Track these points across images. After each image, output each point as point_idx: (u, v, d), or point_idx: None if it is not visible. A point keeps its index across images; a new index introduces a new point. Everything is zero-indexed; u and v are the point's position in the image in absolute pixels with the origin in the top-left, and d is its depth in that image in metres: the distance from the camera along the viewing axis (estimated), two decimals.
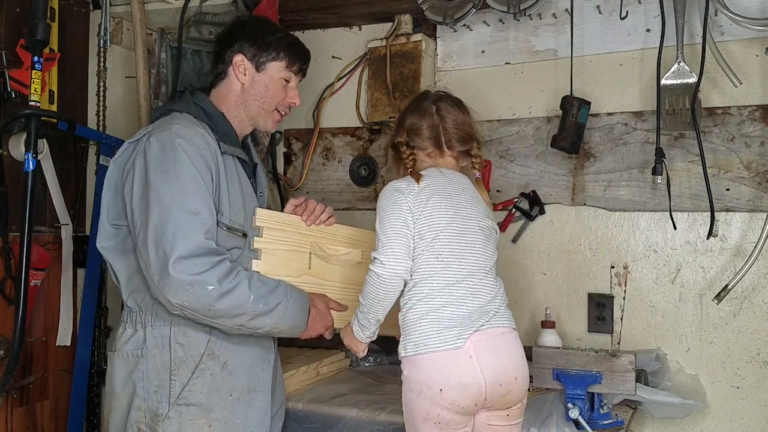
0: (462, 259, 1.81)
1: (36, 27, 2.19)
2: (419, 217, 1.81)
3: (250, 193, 1.98)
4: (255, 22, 2.10)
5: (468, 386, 1.71)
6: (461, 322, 1.75)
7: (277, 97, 2.05)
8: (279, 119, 2.10)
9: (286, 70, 2.04)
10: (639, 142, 2.43)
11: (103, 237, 1.91)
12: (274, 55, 2.02)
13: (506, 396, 1.77)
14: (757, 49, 2.28)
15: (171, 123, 1.86)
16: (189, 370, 1.83)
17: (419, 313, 1.77)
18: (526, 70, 2.58)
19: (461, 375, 1.72)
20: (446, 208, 1.84)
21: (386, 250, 1.77)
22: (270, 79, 2.02)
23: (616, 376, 1.98)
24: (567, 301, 2.52)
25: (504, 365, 1.76)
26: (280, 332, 1.87)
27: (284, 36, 2.06)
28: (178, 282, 1.70)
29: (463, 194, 1.89)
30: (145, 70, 2.57)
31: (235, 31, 2.04)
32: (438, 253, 1.79)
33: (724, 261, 2.33)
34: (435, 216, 1.82)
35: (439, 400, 1.71)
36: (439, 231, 1.80)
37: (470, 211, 1.87)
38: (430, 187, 1.85)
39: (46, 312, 2.68)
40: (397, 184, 1.87)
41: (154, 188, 1.76)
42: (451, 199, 1.86)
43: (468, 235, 1.84)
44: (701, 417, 2.32)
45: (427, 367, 1.73)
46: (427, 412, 1.73)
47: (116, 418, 1.87)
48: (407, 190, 1.84)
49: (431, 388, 1.72)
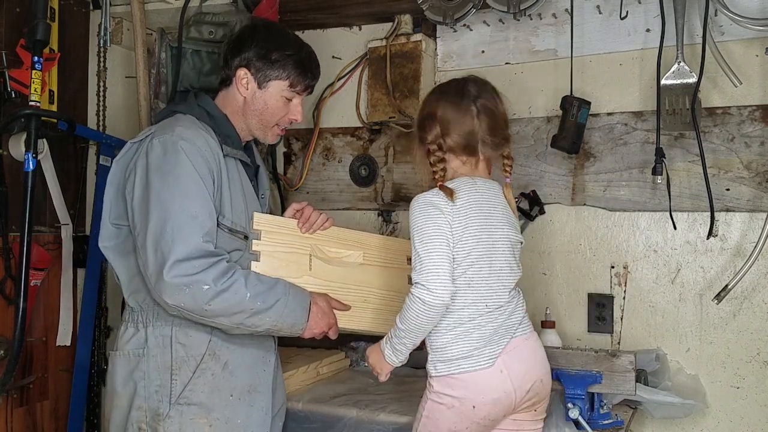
0: (492, 285, 1.78)
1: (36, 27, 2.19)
2: (458, 241, 1.74)
3: (251, 196, 1.98)
4: (265, 32, 2.00)
5: (500, 400, 1.73)
6: (490, 340, 1.75)
7: (276, 115, 2.00)
8: (279, 133, 2.06)
9: (289, 89, 1.98)
10: (639, 142, 2.43)
11: (105, 237, 1.92)
12: (278, 73, 1.96)
13: (534, 398, 1.80)
14: (757, 49, 2.28)
15: (174, 125, 1.86)
16: (190, 370, 1.83)
17: (449, 337, 1.76)
18: (526, 70, 2.58)
19: (494, 391, 1.73)
20: (481, 231, 1.77)
21: (431, 276, 1.70)
22: (270, 96, 1.98)
23: (616, 376, 1.98)
24: (567, 301, 2.51)
25: (529, 370, 1.78)
26: (280, 330, 1.85)
27: (293, 54, 1.97)
28: (174, 284, 1.70)
29: (495, 211, 1.81)
30: (145, 70, 2.57)
31: (244, 40, 1.98)
32: (470, 280, 1.75)
33: (724, 261, 2.33)
34: (471, 242, 1.75)
35: (471, 416, 1.73)
36: (475, 260, 1.75)
37: (502, 232, 1.81)
38: (466, 206, 1.76)
39: (46, 312, 2.68)
40: (433, 200, 1.76)
41: (155, 190, 1.77)
42: (486, 221, 1.78)
43: (500, 260, 1.80)
44: (701, 417, 2.32)
45: (460, 386, 1.74)
46: (456, 425, 1.74)
47: (117, 417, 1.87)
48: (445, 207, 1.74)
49: (463, 404, 1.73)
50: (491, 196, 1.83)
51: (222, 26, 2.46)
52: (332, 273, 2.05)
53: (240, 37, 2.02)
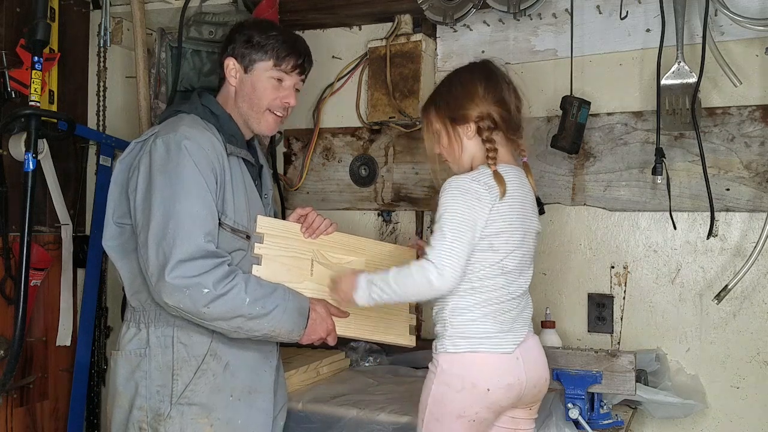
0: (521, 275, 1.80)
1: (36, 27, 2.20)
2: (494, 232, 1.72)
3: (255, 195, 1.98)
4: (252, 24, 2.04)
5: (513, 386, 1.74)
6: (513, 327, 1.77)
7: (266, 97, 1.97)
8: (275, 121, 2.01)
9: (275, 68, 1.95)
10: (639, 142, 2.43)
11: (108, 236, 1.92)
12: (261, 54, 1.95)
13: (536, 395, 1.82)
14: (757, 49, 2.28)
15: (178, 124, 1.86)
16: (191, 370, 1.83)
17: (476, 315, 1.75)
18: (526, 70, 2.58)
19: (510, 376, 1.74)
20: (519, 221, 1.76)
21: (449, 262, 1.68)
22: (258, 79, 1.96)
23: (616, 376, 1.98)
24: (567, 301, 2.52)
25: (538, 367, 1.81)
26: (278, 336, 1.84)
27: (276, 35, 1.97)
28: (174, 285, 1.70)
29: (526, 200, 1.80)
30: (145, 70, 2.57)
31: (231, 35, 2.01)
32: (503, 268, 1.75)
33: (724, 261, 2.33)
34: (508, 231, 1.74)
35: (483, 400, 1.72)
36: (511, 250, 1.75)
37: (531, 223, 1.81)
38: (510, 198, 1.74)
39: (46, 312, 2.67)
40: (476, 187, 1.71)
41: (157, 189, 1.77)
42: (522, 211, 1.77)
43: (530, 249, 1.82)
44: (701, 417, 2.32)
45: (478, 365, 1.73)
46: (465, 410, 1.72)
47: (118, 417, 1.87)
48: (486, 197, 1.71)
49: (477, 386, 1.71)
50: (523, 182, 1.82)
51: (222, 26, 2.46)
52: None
53: (229, 34, 2.03)
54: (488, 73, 1.82)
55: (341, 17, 2.77)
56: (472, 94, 1.79)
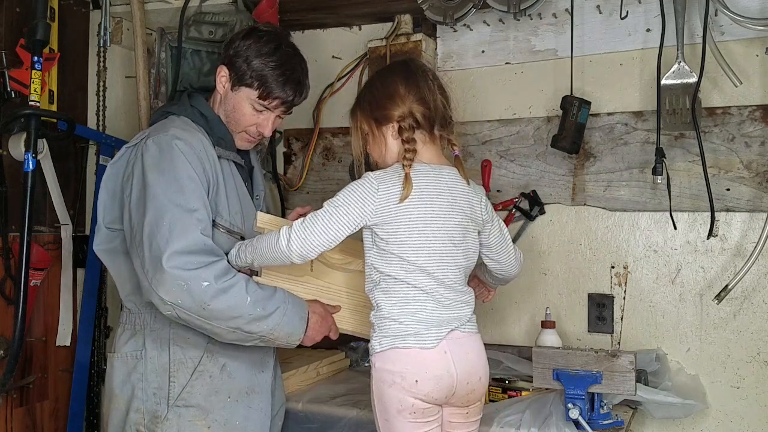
0: (438, 272, 1.77)
1: (36, 27, 2.19)
2: (396, 231, 1.73)
3: (246, 197, 1.98)
4: (259, 38, 1.94)
5: (443, 378, 1.74)
6: (437, 324, 1.76)
7: (243, 122, 1.95)
8: (249, 140, 2.01)
9: (258, 101, 1.92)
10: (639, 142, 2.43)
11: (100, 240, 1.91)
12: (249, 81, 1.90)
13: (470, 394, 1.80)
14: (757, 49, 2.28)
15: (168, 126, 1.87)
16: (188, 372, 1.83)
17: (395, 314, 1.76)
18: (526, 70, 2.58)
19: (437, 368, 1.74)
20: (429, 219, 1.75)
21: (302, 233, 1.72)
22: (239, 101, 1.93)
23: (616, 376, 1.98)
24: (567, 301, 2.51)
25: (472, 364, 1.80)
26: (276, 339, 1.81)
27: (275, 67, 1.90)
28: (172, 277, 1.66)
29: (441, 197, 1.78)
30: (145, 70, 2.57)
31: (232, 40, 1.97)
32: (412, 266, 1.74)
33: (724, 261, 2.33)
34: (415, 230, 1.74)
35: (414, 390, 1.72)
36: (419, 248, 1.74)
37: (447, 220, 1.78)
38: (416, 196, 1.73)
39: (46, 312, 2.67)
40: (368, 186, 1.75)
41: (151, 188, 1.76)
42: (432, 209, 1.76)
43: (447, 246, 1.78)
44: (701, 417, 2.32)
45: (403, 359, 1.74)
46: (401, 403, 1.73)
47: (115, 419, 1.87)
48: (371, 199, 1.73)
49: (405, 378, 1.72)
50: (442, 182, 1.79)
51: (222, 26, 2.46)
52: (333, 275, 2.04)
53: (237, 34, 2.01)
54: (408, 73, 1.82)
55: (341, 17, 2.77)
56: (392, 94, 1.80)
